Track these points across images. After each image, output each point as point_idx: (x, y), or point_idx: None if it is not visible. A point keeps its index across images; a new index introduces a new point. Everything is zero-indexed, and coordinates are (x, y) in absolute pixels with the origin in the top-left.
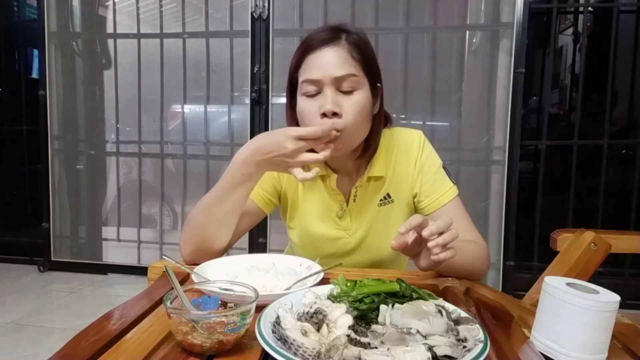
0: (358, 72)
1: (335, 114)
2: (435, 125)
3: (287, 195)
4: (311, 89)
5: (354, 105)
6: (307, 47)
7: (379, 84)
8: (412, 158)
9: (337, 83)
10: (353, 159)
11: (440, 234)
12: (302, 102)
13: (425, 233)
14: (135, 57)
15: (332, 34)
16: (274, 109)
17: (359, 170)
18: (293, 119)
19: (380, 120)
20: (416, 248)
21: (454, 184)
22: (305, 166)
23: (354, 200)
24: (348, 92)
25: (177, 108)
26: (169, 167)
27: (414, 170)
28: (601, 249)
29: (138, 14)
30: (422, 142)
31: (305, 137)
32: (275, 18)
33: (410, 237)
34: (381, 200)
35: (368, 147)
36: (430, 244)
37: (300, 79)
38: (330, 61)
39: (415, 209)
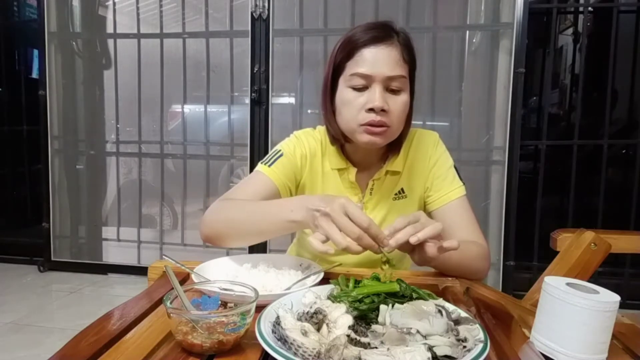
0: (406, 73)
1: (382, 111)
2: (435, 125)
3: (306, 186)
4: (360, 82)
5: (400, 105)
6: (360, 41)
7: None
8: (427, 156)
9: (387, 82)
10: (378, 154)
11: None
12: (347, 93)
13: (391, 242)
14: (135, 57)
15: (387, 33)
16: (274, 109)
17: (377, 164)
18: (329, 105)
19: (410, 118)
20: (410, 244)
21: (463, 184)
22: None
23: (370, 194)
24: (395, 92)
25: (177, 108)
26: (169, 167)
27: (427, 166)
28: (601, 249)
29: (138, 14)
30: (437, 142)
31: (349, 232)
32: (275, 18)
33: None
34: (396, 194)
35: (396, 144)
36: (412, 240)
37: (350, 71)
38: (383, 59)
39: (424, 204)
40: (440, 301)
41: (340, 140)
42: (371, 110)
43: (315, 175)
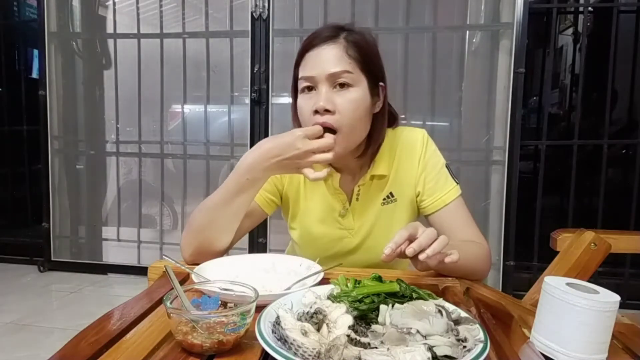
0: (353, 69)
1: (327, 111)
2: (435, 125)
3: (289, 195)
4: (307, 85)
5: (349, 102)
6: (307, 45)
7: (381, 83)
8: (416, 157)
9: (332, 80)
10: (355, 158)
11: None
12: (299, 100)
13: (408, 251)
14: (135, 57)
15: (332, 33)
16: (274, 109)
17: (361, 169)
18: (296, 117)
19: (382, 119)
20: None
21: (457, 183)
22: (314, 166)
23: (357, 199)
24: (342, 90)
25: (177, 108)
26: (169, 167)
27: (417, 168)
28: (601, 249)
29: (138, 14)
30: (425, 140)
31: (311, 136)
32: (275, 18)
33: (403, 246)
34: (384, 199)
35: (370, 146)
36: (420, 257)
37: (299, 77)
38: (326, 58)
39: (417, 208)
40: (440, 301)
41: None
42: (316, 112)
43: (298, 184)
